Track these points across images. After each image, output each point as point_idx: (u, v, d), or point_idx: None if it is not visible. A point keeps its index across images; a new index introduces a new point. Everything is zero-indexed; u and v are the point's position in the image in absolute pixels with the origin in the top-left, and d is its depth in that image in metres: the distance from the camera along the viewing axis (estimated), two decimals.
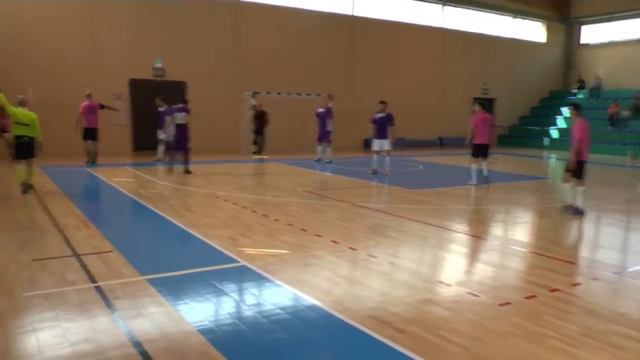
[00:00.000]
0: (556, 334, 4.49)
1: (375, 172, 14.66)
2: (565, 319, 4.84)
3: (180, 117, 14.09)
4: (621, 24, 29.86)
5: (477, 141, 13.12)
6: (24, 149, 10.73)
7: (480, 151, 13.20)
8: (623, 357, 4.15)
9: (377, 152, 14.89)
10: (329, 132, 17.47)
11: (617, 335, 4.53)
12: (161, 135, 16.71)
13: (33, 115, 10.80)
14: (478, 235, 8.37)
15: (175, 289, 5.35)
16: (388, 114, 14.64)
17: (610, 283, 6.06)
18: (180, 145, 14.20)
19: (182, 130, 14.08)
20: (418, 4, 26.63)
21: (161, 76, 20.29)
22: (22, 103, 10.90)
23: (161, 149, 16.96)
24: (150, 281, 5.53)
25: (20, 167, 10.82)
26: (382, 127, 14.71)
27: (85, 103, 15.58)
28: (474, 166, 13.34)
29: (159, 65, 20.19)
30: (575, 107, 10.11)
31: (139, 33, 19.68)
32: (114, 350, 4.01)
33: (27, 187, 10.76)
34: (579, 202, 9.84)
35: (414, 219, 9.10)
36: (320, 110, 17.63)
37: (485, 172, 13.21)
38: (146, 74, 20.06)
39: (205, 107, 19.97)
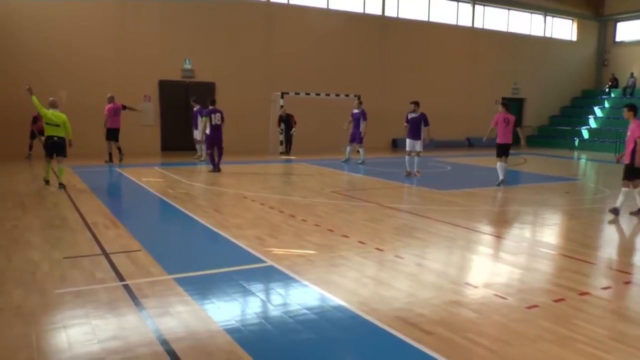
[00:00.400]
0: (585, 338, 4.41)
1: (409, 174, 14.57)
2: (595, 323, 4.75)
3: (216, 118, 14.37)
4: None
5: (500, 141, 13.15)
6: (54, 148, 11.33)
7: (504, 151, 13.23)
8: None
9: (409, 153, 14.83)
10: (361, 133, 17.40)
11: None
12: (196, 135, 17.17)
13: (63, 116, 11.32)
14: (506, 237, 8.26)
15: (202, 288, 5.41)
16: (421, 113, 14.58)
17: None
18: (216, 145, 14.51)
19: (217, 130, 14.44)
20: (448, 3, 26.43)
21: (190, 77, 20.51)
22: (52, 105, 11.41)
23: (199, 147, 17.55)
24: (178, 280, 5.59)
25: (49, 165, 11.53)
26: (416, 127, 14.64)
27: (110, 105, 15.84)
28: (499, 164, 13.31)
29: (188, 66, 20.41)
30: (631, 108, 9.90)
31: (168, 34, 19.92)
32: (142, 347, 4.06)
33: (60, 186, 11.29)
34: (619, 203, 9.74)
35: (442, 220, 9.03)
36: (355, 111, 17.59)
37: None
38: (175, 75, 20.30)
39: (234, 108, 20.13)
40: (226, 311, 4.86)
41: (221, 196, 11.15)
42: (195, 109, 17.21)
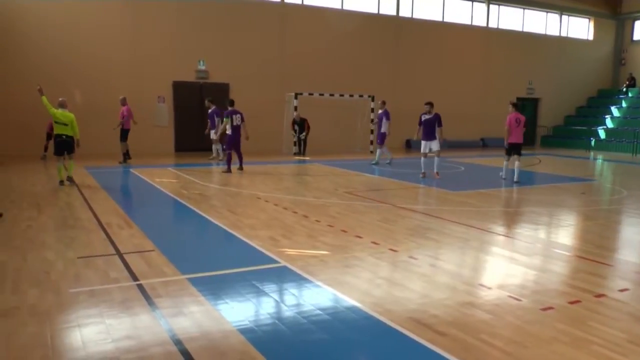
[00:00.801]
0: (601, 341, 4.36)
1: (424, 176, 14.51)
2: (611, 325, 4.69)
3: (237, 119, 14.50)
4: None
5: (512, 140, 13.62)
6: (62, 146, 11.80)
7: (516, 150, 13.66)
8: None
9: (425, 155, 14.77)
10: (382, 133, 17.18)
11: None
12: (213, 135, 17.32)
13: (71, 116, 11.78)
14: (520, 238, 8.19)
15: (215, 288, 5.42)
16: (436, 114, 14.54)
17: None
18: (235, 146, 14.72)
19: (237, 131, 14.61)
20: (463, 3, 26.31)
21: (204, 78, 20.60)
22: (62, 105, 11.84)
23: (215, 148, 17.72)
24: (191, 280, 5.61)
25: (61, 165, 11.89)
26: (430, 128, 14.59)
27: (127, 106, 15.92)
28: (506, 163, 14.06)
29: (202, 67, 20.50)
30: None
31: (182, 35, 20.02)
32: (155, 347, 4.08)
33: (68, 180, 12.02)
34: None
35: (456, 220, 8.98)
36: (379, 112, 17.51)
37: (517, 172, 13.62)
38: (189, 76, 20.40)
39: (248, 109, 20.14)
40: (240, 311, 4.87)
41: (235, 197, 11.18)
42: (210, 109, 17.29)
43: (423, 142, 14.78)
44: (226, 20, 20.66)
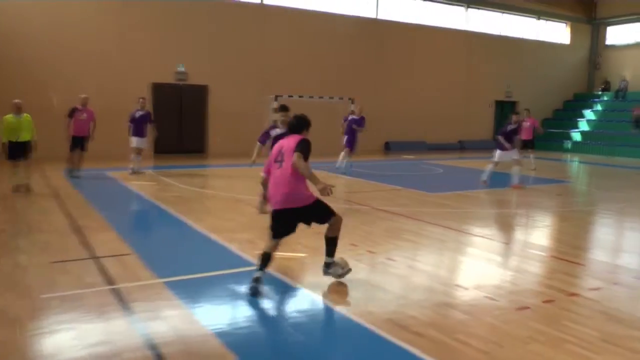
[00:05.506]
0: (575, 339, 4.41)
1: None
2: (584, 324, 4.75)
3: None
4: None
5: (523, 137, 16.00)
6: (17, 151, 11.06)
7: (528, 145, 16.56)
8: None
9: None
10: (353, 139, 16.37)
11: (637, 341, 4.44)
12: (143, 144, 14.75)
13: (28, 117, 11.17)
14: (496, 239, 8.27)
15: (192, 292, 5.37)
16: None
17: (632, 288, 5.95)
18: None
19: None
20: (442, 6, 26.50)
21: (183, 80, 20.40)
22: (16, 107, 11.05)
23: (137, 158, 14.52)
24: (168, 284, 5.55)
25: (15, 169, 11.19)
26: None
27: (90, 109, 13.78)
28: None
29: (181, 69, 20.31)
30: None
31: (161, 37, 19.80)
32: (130, 352, 4.03)
33: (22, 187, 11.03)
34: None
35: (434, 222, 9.02)
36: (353, 117, 16.88)
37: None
38: (169, 78, 20.19)
39: (227, 111, 20.14)
40: (217, 315, 4.84)
41: (214, 199, 11.12)
42: (139, 114, 14.74)
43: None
44: (205, 21, 20.52)
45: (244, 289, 5.40)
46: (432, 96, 25.59)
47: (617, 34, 31.02)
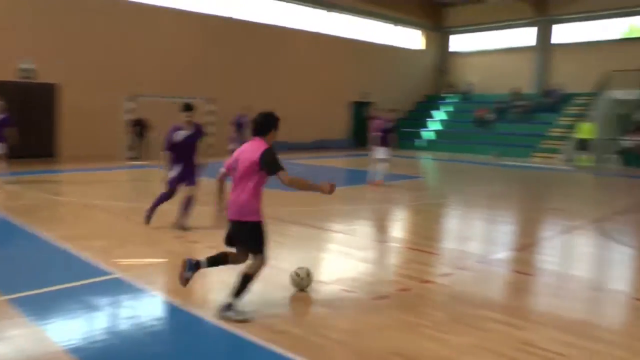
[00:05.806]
0: (429, 323, 4.73)
1: None
2: (438, 308, 5.11)
3: None
4: (488, 34, 32.77)
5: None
6: None
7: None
8: (488, 337, 4.48)
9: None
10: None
11: (483, 319, 4.85)
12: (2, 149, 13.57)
13: None
14: (355, 234, 8.58)
15: (41, 307, 4.99)
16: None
17: (477, 271, 6.48)
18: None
19: None
20: (305, 9, 27.02)
21: (30, 78, 18.74)
22: None
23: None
24: (13, 301, 5.10)
25: None
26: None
27: None
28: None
29: (27, 65, 18.63)
30: None
31: (1, 30, 18.10)
32: None
33: None
34: None
35: (293, 221, 9.15)
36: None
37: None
38: (10, 76, 18.48)
39: (81, 111, 18.95)
40: (69, 330, 4.54)
41: (66, 206, 10.43)
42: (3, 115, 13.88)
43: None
44: (59, 15, 19.06)
45: (98, 300, 5.13)
46: (294, 97, 25.98)
47: (462, 42, 34.04)
